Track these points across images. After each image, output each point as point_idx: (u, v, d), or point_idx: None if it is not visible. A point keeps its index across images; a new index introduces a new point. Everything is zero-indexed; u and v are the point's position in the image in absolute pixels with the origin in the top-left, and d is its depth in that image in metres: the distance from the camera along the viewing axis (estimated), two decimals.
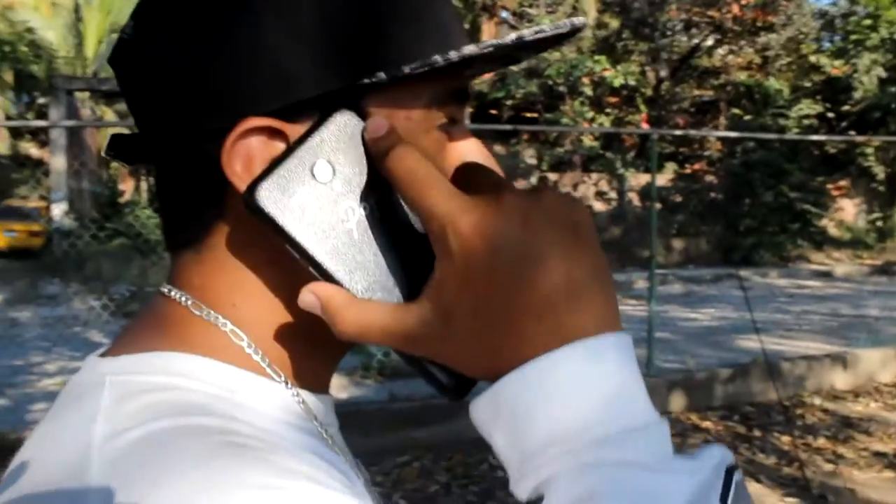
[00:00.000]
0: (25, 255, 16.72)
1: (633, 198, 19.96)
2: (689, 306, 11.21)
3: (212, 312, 0.49)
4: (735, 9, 20.91)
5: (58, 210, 17.45)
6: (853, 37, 21.32)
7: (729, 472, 0.39)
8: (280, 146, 0.45)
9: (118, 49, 0.50)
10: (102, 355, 0.50)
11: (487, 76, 21.75)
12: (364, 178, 0.45)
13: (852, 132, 19.63)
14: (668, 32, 22.84)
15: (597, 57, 20.31)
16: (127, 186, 22.47)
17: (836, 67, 21.49)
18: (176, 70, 0.47)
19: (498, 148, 23.16)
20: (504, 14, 23.93)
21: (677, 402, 5.84)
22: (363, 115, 0.46)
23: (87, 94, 20.10)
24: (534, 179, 21.37)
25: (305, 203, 0.44)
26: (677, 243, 17.74)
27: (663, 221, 17.43)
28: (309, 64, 0.45)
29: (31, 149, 25.67)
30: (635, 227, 16.85)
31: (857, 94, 20.85)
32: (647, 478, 0.38)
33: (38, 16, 23.28)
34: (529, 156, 21.91)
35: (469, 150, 0.51)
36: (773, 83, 20.09)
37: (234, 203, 0.47)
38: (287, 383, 0.49)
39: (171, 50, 0.47)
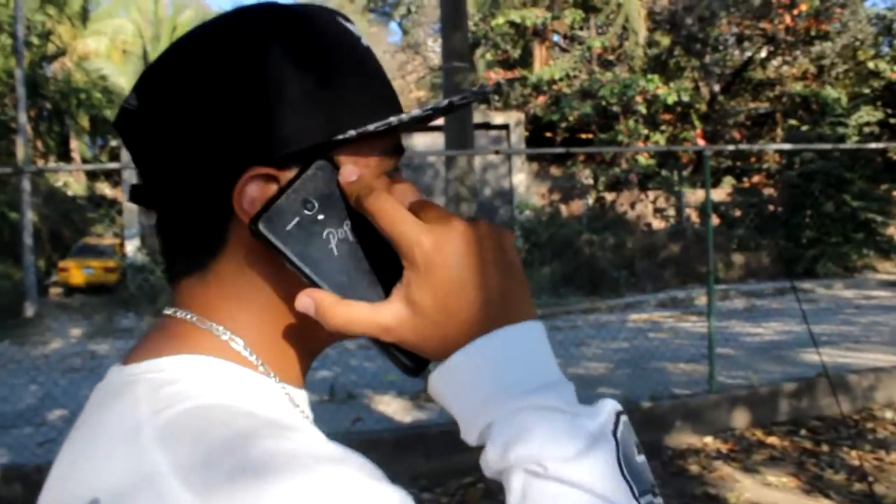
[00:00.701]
0: (102, 290, 17.30)
1: (692, 214, 19.78)
2: (752, 321, 11.06)
3: (213, 325, 0.61)
4: (787, 19, 20.65)
5: (131, 246, 18.12)
6: None
7: (619, 415, 0.55)
8: (274, 188, 0.58)
9: (123, 117, 0.63)
10: (120, 364, 0.62)
11: (542, 100, 21.87)
12: (340, 210, 0.59)
13: None
14: (720, 47, 22.65)
15: (649, 75, 20.28)
16: None
17: (895, 72, 21.01)
18: (185, 135, 0.59)
19: (554, 170, 23.21)
20: (556, 38, 24.08)
21: (741, 418, 5.82)
22: (335, 164, 0.59)
23: None
24: (590, 200, 21.37)
25: (296, 230, 0.57)
26: (737, 258, 17.48)
27: (722, 237, 17.20)
28: (295, 126, 0.58)
29: (105, 189, 26.74)
30: (694, 242, 16.69)
31: None
32: (560, 417, 0.53)
33: (110, 63, 24.43)
34: (586, 176, 21.91)
35: (407, 190, 0.64)
36: (830, 92, 19.71)
37: (236, 235, 0.60)
38: (276, 378, 0.62)
39: (179, 119, 0.59)
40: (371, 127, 0.59)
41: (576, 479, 0.51)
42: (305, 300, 0.57)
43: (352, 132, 0.59)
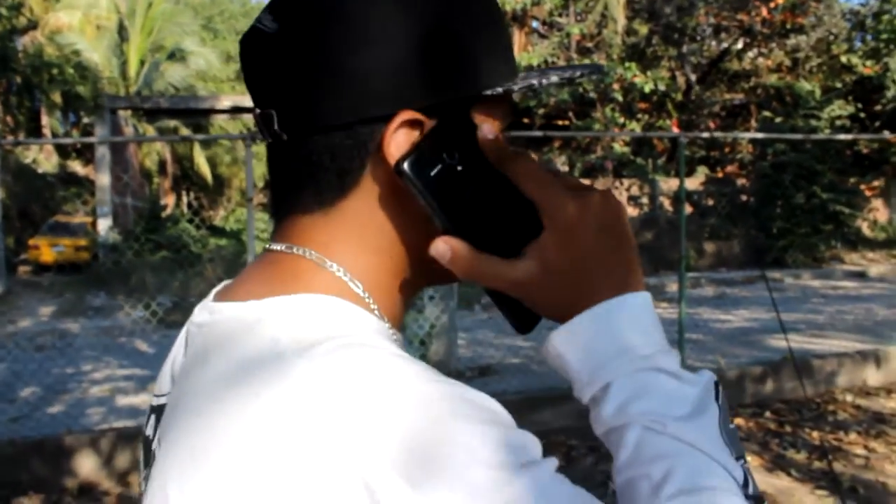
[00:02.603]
0: (72, 269, 17.07)
1: (665, 202, 19.95)
2: (722, 308, 11.22)
3: (335, 265, 0.60)
4: (764, 11, 20.82)
5: (103, 225, 17.90)
6: (884, 36, 21.07)
7: (717, 384, 0.59)
8: (417, 134, 0.59)
9: (254, 38, 0.61)
10: (219, 301, 0.62)
11: None
12: (478, 164, 0.60)
13: (886, 132, 19.42)
14: (698, 37, 22.79)
15: (627, 63, 20.36)
16: (169, 201, 22.96)
17: (867, 67, 21.23)
18: (336, 69, 0.57)
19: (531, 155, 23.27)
20: (535, 24, 24.07)
21: None
22: (472, 118, 0.61)
23: (129, 112, 20.61)
24: None
25: (438, 177, 0.58)
26: (709, 247, 17.69)
27: (695, 225, 17.37)
28: (448, 77, 0.59)
29: (76, 167, 26.34)
30: (667, 230, 16.86)
31: (890, 94, 20.51)
32: (673, 382, 0.57)
33: (83, 38, 23.92)
34: (561, 163, 22.00)
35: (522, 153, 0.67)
36: (803, 85, 19.90)
37: (370, 176, 0.60)
38: (389, 324, 0.62)
39: (330, 51, 0.57)
40: (515, 87, 0.61)
41: (689, 437, 0.55)
42: (442, 247, 0.59)
43: (499, 89, 0.61)
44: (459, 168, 0.59)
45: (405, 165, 0.57)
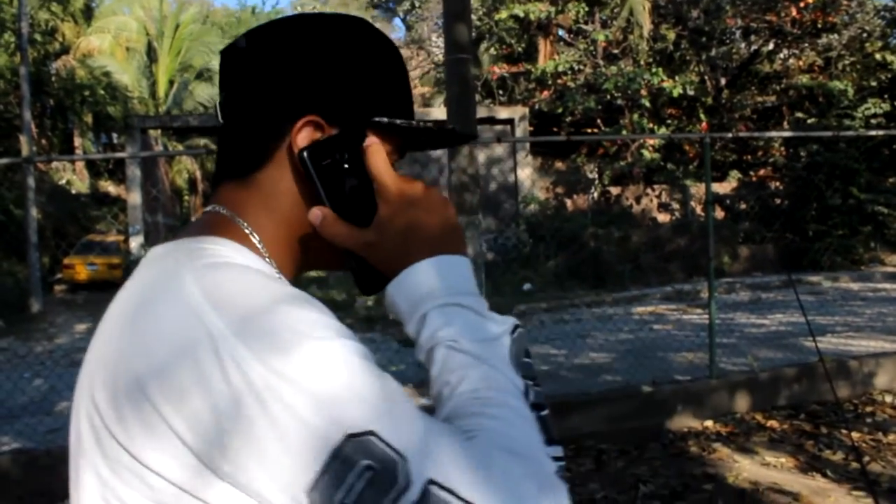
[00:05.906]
0: (106, 286, 17.30)
1: (697, 208, 19.70)
2: (757, 313, 11.00)
3: (243, 222, 0.80)
4: (793, 11, 20.51)
5: (135, 243, 18.18)
6: None
7: (516, 326, 0.77)
8: (319, 134, 0.80)
9: (230, 50, 0.84)
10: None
11: (546, 94, 21.82)
12: (359, 165, 0.81)
13: None
14: (726, 40, 22.55)
15: (654, 69, 20.20)
16: None
17: None
18: (274, 77, 0.80)
19: (558, 164, 23.17)
20: (560, 32, 24.02)
21: (741, 402, 5.78)
22: (365, 134, 0.82)
23: (159, 131, 20.89)
24: (595, 194, 21.34)
25: (327, 166, 0.79)
26: (743, 251, 17.39)
27: (728, 230, 17.11)
28: (351, 100, 0.81)
29: (108, 187, 26.81)
30: (699, 236, 16.61)
31: None
32: (475, 316, 0.75)
33: (113, 61, 24.49)
34: (590, 170, 21.87)
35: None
36: (836, 84, 19.57)
37: (279, 157, 0.80)
38: (278, 272, 0.81)
39: (274, 65, 0.80)
40: (398, 121, 0.83)
41: (482, 354, 0.73)
42: (317, 212, 0.78)
43: (384, 119, 0.82)
44: (346, 165, 0.80)
45: (305, 153, 0.78)
